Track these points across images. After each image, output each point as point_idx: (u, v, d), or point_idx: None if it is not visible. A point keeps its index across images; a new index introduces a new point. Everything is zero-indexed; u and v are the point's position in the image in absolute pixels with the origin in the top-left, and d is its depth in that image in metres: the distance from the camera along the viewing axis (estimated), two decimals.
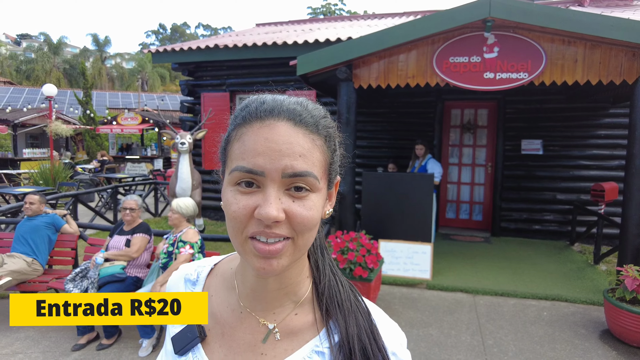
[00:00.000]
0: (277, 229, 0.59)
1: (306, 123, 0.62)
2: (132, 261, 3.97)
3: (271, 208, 0.58)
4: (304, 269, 0.71)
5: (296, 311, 0.70)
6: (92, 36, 44.24)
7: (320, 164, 0.63)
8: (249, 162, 0.60)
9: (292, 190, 0.60)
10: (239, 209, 0.60)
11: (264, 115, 0.62)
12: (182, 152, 6.30)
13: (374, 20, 10.81)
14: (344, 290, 0.72)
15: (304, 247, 0.63)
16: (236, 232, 0.62)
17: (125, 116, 14.44)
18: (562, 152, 7.07)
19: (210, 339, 0.71)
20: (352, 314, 0.68)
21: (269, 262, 0.61)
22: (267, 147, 0.59)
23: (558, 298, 4.69)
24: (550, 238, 7.19)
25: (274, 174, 0.59)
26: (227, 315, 0.72)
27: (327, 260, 0.75)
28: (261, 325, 0.69)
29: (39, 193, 4.50)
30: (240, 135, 0.63)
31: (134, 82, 41.35)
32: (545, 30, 4.34)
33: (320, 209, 0.64)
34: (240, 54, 7.77)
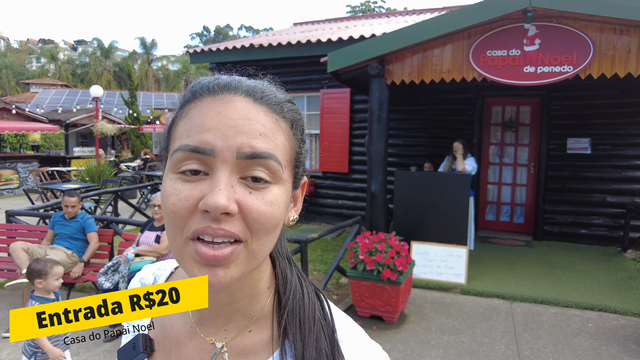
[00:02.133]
0: (226, 224, 0.48)
1: (269, 101, 0.53)
2: (161, 257, 4.04)
3: (220, 195, 0.46)
4: (262, 279, 0.60)
5: (250, 327, 0.60)
6: (140, 39, 46.17)
7: (285, 150, 0.53)
8: (195, 139, 0.48)
9: (248, 180, 0.49)
10: (179, 200, 0.48)
11: (218, 89, 0.52)
12: None
13: (412, 16, 10.55)
14: (309, 303, 0.60)
15: (259, 254, 0.52)
16: (175, 232, 0.50)
17: (167, 116, 14.88)
18: (614, 152, 6.57)
19: (157, 354, 0.63)
20: (312, 334, 0.56)
21: (214, 272, 0.49)
22: (219, 121, 0.49)
23: (606, 309, 4.34)
24: (598, 243, 6.71)
25: (227, 153, 0.48)
26: (176, 329, 0.63)
27: (295, 270, 0.65)
28: (209, 344, 0.59)
29: (75, 192, 4.67)
30: (187, 112, 0.52)
31: (178, 83, 42.78)
32: (593, 18, 4.03)
33: (283, 207, 0.53)
34: (275, 52, 7.79)
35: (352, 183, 8.09)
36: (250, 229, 0.49)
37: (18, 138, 18.77)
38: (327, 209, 8.38)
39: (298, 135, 0.56)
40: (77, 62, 47.05)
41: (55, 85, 33.33)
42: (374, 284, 4.05)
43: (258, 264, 0.53)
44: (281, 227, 0.56)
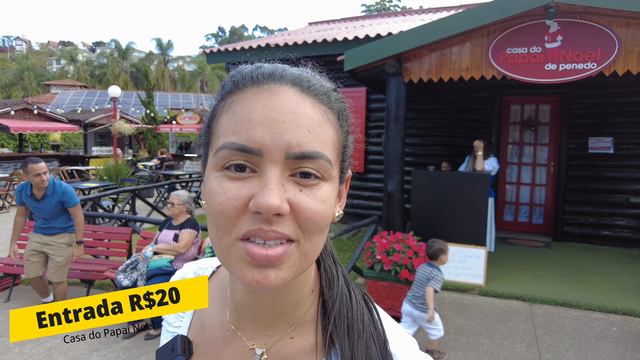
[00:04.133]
0: (279, 225, 0.45)
1: (316, 91, 0.49)
2: (179, 255, 4.07)
3: (272, 196, 0.43)
4: (307, 282, 0.56)
5: (293, 334, 0.56)
6: (156, 41, 46.79)
7: (333, 145, 0.49)
8: (242, 137, 0.46)
9: (297, 177, 0.47)
10: (227, 200, 0.45)
11: (262, 79, 0.48)
12: None
13: (428, 15, 10.45)
14: (357, 308, 0.55)
15: (311, 255, 0.49)
16: (222, 233, 0.47)
17: (184, 116, 15.03)
18: (638, 151, 6.40)
19: (196, 357, 0.60)
20: (362, 341, 0.52)
21: (265, 274, 0.45)
22: (267, 116, 0.46)
23: (631, 313, 4.22)
24: (621, 245, 6.54)
25: (275, 154, 0.45)
26: (215, 332, 0.60)
27: (341, 270, 0.60)
28: (249, 350, 0.56)
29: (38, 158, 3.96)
30: (231, 104, 0.49)
31: (194, 83, 43.22)
32: (619, 13, 3.92)
33: (333, 203, 0.50)
34: (291, 52, 7.63)
35: (367, 183, 8.05)
36: (303, 228, 0.46)
37: (39, 138, 19.21)
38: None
39: (345, 127, 0.53)
40: (96, 64, 47.90)
41: (75, 86, 34.00)
42: (392, 285, 4.01)
43: (309, 265, 0.50)
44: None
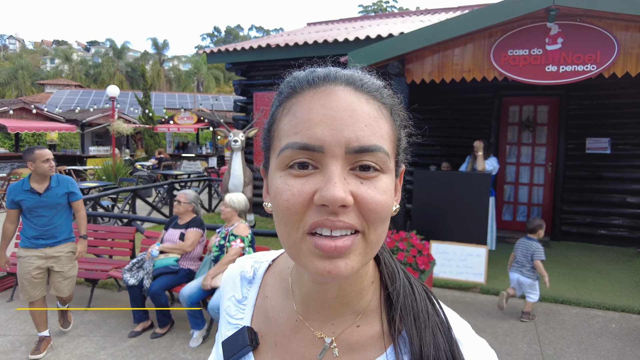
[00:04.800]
0: (344, 216, 0.47)
1: (369, 88, 0.52)
2: (185, 254, 4.10)
3: (337, 188, 0.46)
4: (367, 274, 0.59)
5: (358, 323, 0.58)
6: (152, 40, 46.72)
7: (389, 138, 0.52)
8: (304, 136, 0.48)
9: (357, 170, 0.49)
10: (293, 196, 0.48)
11: (318, 82, 0.51)
12: (234, 150, 6.45)
13: (426, 16, 10.53)
14: (420, 299, 0.58)
15: (376, 244, 0.51)
16: (290, 228, 0.49)
17: (182, 116, 15.05)
18: (635, 152, 6.51)
19: (262, 347, 0.62)
20: (428, 329, 0.54)
21: (335, 264, 0.48)
22: (326, 115, 0.48)
23: (629, 309, 4.31)
24: (618, 244, 6.64)
25: (336, 149, 0.47)
26: (281, 322, 0.62)
27: (399, 264, 0.63)
28: (317, 339, 0.58)
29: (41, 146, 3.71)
30: (290, 108, 0.52)
31: (190, 83, 43.14)
32: (618, 16, 4.00)
33: (392, 195, 0.52)
34: (291, 52, 7.84)
35: None
36: (367, 219, 0.48)
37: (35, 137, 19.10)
38: None
39: (397, 122, 0.55)
40: (90, 63, 47.70)
41: (69, 85, 33.83)
42: None
43: (373, 255, 0.52)
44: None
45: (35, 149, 3.52)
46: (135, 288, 3.94)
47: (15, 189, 3.50)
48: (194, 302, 3.63)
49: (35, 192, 3.51)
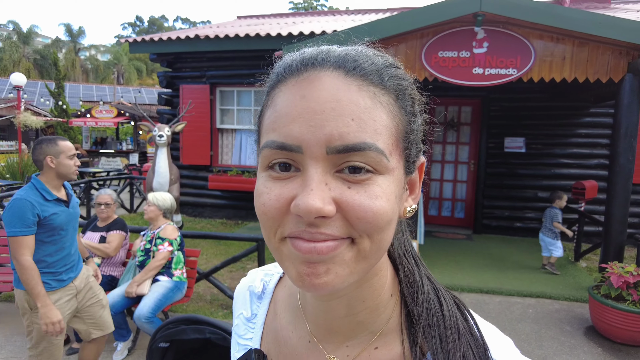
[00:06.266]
0: (326, 227, 0.41)
1: (363, 71, 0.43)
2: (106, 259, 3.75)
3: (312, 197, 0.39)
4: (384, 287, 0.51)
5: (376, 344, 0.51)
6: (65, 26, 42.88)
7: (387, 132, 0.43)
8: (281, 134, 0.42)
9: (345, 173, 0.42)
10: (270, 200, 0.43)
11: (302, 67, 0.44)
12: (159, 146, 6.05)
13: (357, 16, 10.71)
14: (449, 315, 0.49)
15: (373, 254, 0.43)
16: (268, 233, 0.45)
17: (100, 109, 13.91)
18: (544, 151, 7.13)
19: None
20: (458, 352, 0.46)
21: (314, 269, 0.42)
22: (304, 108, 0.42)
23: (542, 295, 4.69)
24: (531, 236, 7.23)
25: (315, 149, 0.41)
26: (292, 344, 0.56)
27: (424, 272, 0.55)
28: None
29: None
30: (272, 99, 0.46)
31: (109, 74, 40.25)
32: (535, 26, 4.31)
33: (394, 199, 0.43)
34: (222, 45, 7.55)
35: None
36: (356, 228, 0.41)
37: None
38: None
39: (407, 108, 0.46)
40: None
41: None
42: None
43: (370, 265, 0.45)
44: (396, 222, 0.46)
45: (58, 139, 2.54)
46: None
47: (36, 201, 2.34)
48: (117, 312, 3.32)
49: (62, 202, 2.50)
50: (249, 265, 5.63)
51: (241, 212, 8.50)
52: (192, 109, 7.46)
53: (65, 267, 2.52)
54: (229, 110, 8.63)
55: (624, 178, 4.45)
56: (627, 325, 3.69)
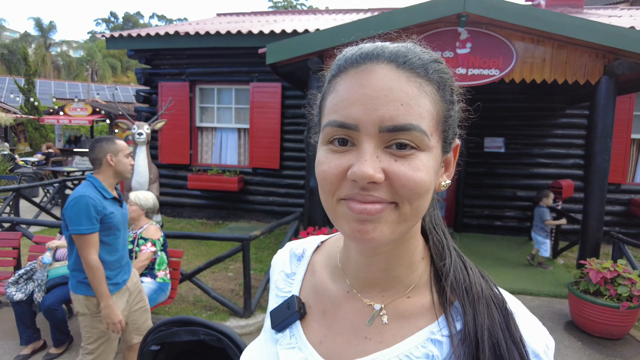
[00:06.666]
0: (375, 191, 0.50)
1: (411, 64, 0.52)
2: None
3: (365, 165, 0.48)
4: (417, 249, 0.60)
5: (409, 294, 0.60)
6: (35, 20, 41.46)
7: (429, 116, 0.51)
8: (341, 115, 0.51)
9: (393, 148, 0.50)
10: (330, 168, 0.52)
11: (361, 60, 0.53)
12: (139, 144, 5.90)
13: (338, 15, 10.71)
14: (473, 274, 0.58)
15: (411, 217, 0.52)
16: (327, 196, 0.54)
17: (74, 106, 13.43)
18: (523, 151, 7.29)
19: (310, 316, 0.65)
20: (482, 300, 0.54)
21: (364, 226, 0.50)
22: (362, 94, 0.50)
23: (523, 292, 4.78)
24: (510, 234, 7.39)
25: (370, 128, 0.50)
26: (330, 294, 0.64)
27: (451, 244, 0.63)
28: (366, 307, 0.60)
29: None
30: (334, 86, 0.55)
31: (82, 71, 39.13)
32: (517, 28, 4.39)
33: (432, 173, 0.52)
34: (203, 42, 7.42)
35: (283, 179, 8.01)
36: (399, 194, 0.50)
37: None
38: (257, 206, 8.20)
39: (446, 97, 0.54)
40: None
41: None
42: None
43: (408, 227, 0.53)
44: (432, 195, 0.54)
45: (115, 138, 2.53)
46: (23, 304, 3.38)
47: (96, 199, 2.31)
48: None
49: (117, 201, 2.49)
50: (231, 266, 5.55)
51: (222, 212, 8.39)
52: (171, 107, 7.31)
53: (120, 269, 2.50)
54: (209, 108, 8.50)
55: (600, 177, 4.59)
56: (605, 320, 3.80)
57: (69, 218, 2.25)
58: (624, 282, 3.76)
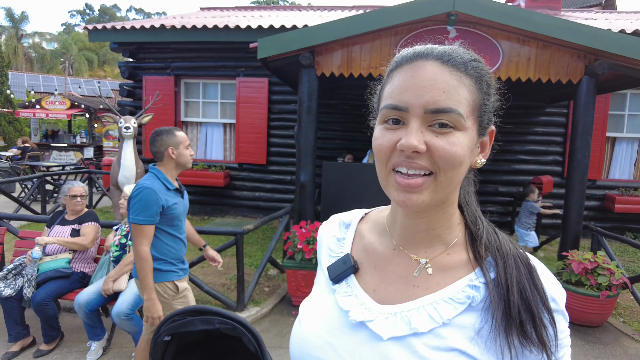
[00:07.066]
0: (417, 159, 0.61)
1: (454, 62, 0.63)
2: (78, 254, 3.58)
3: (411, 138, 0.60)
4: (454, 215, 0.72)
5: (448, 251, 0.70)
6: (6, 10, 39.95)
7: (467, 103, 0.63)
8: (395, 99, 0.63)
9: (435, 127, 0.62)
10: (384, 141, 0.65)
11: (413, 57, 0.65)
12: (126, 138, 5.81)
13: (323, 12, 10.74)
14: (502, 237, 0.69)
15: (447, 185, 0.64)
16: (381, 165, 0.66)
17: (52, 100, 13.05)
18: (505, 147, 7.48)
19: (362, 271, 0.76)
20: (510, 257, 0.65)
21: (409, 196, 0.63)
22: (412, 84, 0.62)
23: None
24: None
25: (417, 109, 0.61)
26: (379, 252, 0.76)
27: (484, 217, 0.74)
28: (413, 261, 0.71)
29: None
30: (391, 78, 0.67)
31: (57, 64, 37.97)
32: (504, 27, 4.51)
33: (467, 149, 0.63)
34: (189, 36, 7.34)
35: (269, 175, 8.01)
36: (437, 164, 0.61)
37: None
38: (243, 202, 8.18)
39: (483, 89, 0.66)
40: None
41: None
42: (311, 273, 4.07)
43: (444, 194, 0.65)
44: (466, 170, 0.65)
45: (175, 129, 2.57)
46: (12, 299, 3.32)
47: (160, 190, 2.39)
48: (92, 310, 3.18)
49: (179, 193, 2.56)
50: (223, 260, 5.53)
51: (207, 207, 8.34)
52: (157, 101, 7.21)
53: (182, 258, 2.61)
54: (194, 103, 8.43)
55: (580, 173, 4.77)
56: (586, 308, 3.98)
57: (131, 208, 2.34)
58: (604, 272, 3.94)
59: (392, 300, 0.69)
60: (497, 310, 0.61)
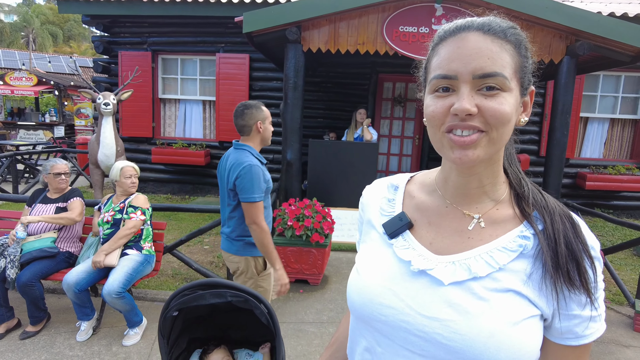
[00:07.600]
0: (471, 121, 0.67)
1: (494, 31, 0.68)
2: (62, 233, 3.48)
3: (464, 102, 0.66)
4: (500, 173, 0.77)
5: (497, 207, 0.76)
6: None
7: (509, 66, 0.68)
8: (444, 69, 0.69)
9: (483, 90, 0.67)
10: (437, 108, 0.70)
11: (456, 30, 0.70)
12: (105, 115, 5.61)
13: None
14: (547, 196, 0.76)
15: (498, 141, 0.69)
16: (434, 129, 0.71)
17: (17, 75, 12.39)
18: None
19: (417, 227, 0.81)
20: (556, 213, 0.71)
21: (464, 152, 0.68)
22: (459, 54, 0.68)
23: None
24: None
25: (466, 76, 0.67)
26: (432, 209, 0.81)
27: (528, 179, 0.80)
28: (466, 216, 0.77)
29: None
30: (437, 51, 0.72)
31: (17, 39, 36.00)
32: (489, 6, 4.54)
33: (512, 108, 0.68)
34: (167, 9, 7.08)
35: None
36: (489, 122, 0.67)
37: None
38: None
39: (522, 52, 0.71)
40: None
41: None
42: (301, 249, 4.11)
43: (496, 149, 0.70)
44: (512, 128, 0.70)
45: (260, 104, 2.54)
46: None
47: (262, 167, 2.43)
48: (82, 289, 3.12)
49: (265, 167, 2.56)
50: (206, 239, 5.51)
51: (187, 186, 8.22)
52: (140, 76, 6.97)
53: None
54: (172, 80, 8.19)
55: (559, 150, 4.94)
56: None
57: (241, 187, 2.32)
58: None
59: (449, 251, 0.75)
60: (548, 258, 0.68)
